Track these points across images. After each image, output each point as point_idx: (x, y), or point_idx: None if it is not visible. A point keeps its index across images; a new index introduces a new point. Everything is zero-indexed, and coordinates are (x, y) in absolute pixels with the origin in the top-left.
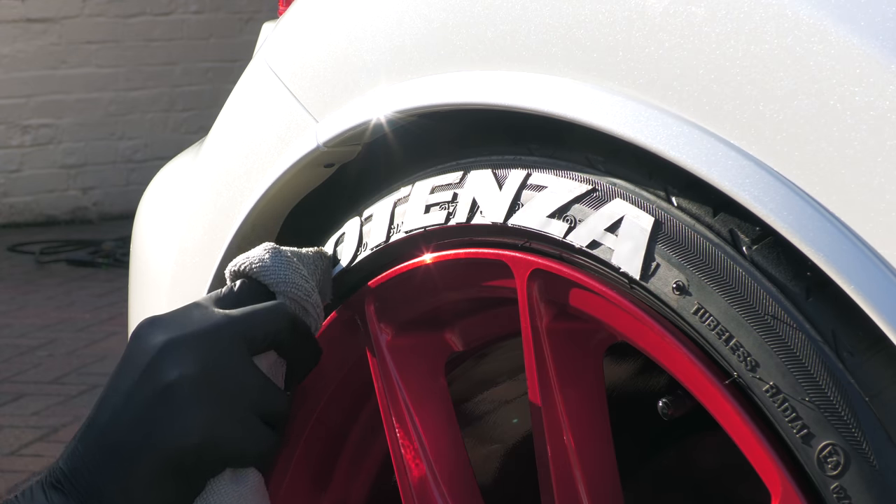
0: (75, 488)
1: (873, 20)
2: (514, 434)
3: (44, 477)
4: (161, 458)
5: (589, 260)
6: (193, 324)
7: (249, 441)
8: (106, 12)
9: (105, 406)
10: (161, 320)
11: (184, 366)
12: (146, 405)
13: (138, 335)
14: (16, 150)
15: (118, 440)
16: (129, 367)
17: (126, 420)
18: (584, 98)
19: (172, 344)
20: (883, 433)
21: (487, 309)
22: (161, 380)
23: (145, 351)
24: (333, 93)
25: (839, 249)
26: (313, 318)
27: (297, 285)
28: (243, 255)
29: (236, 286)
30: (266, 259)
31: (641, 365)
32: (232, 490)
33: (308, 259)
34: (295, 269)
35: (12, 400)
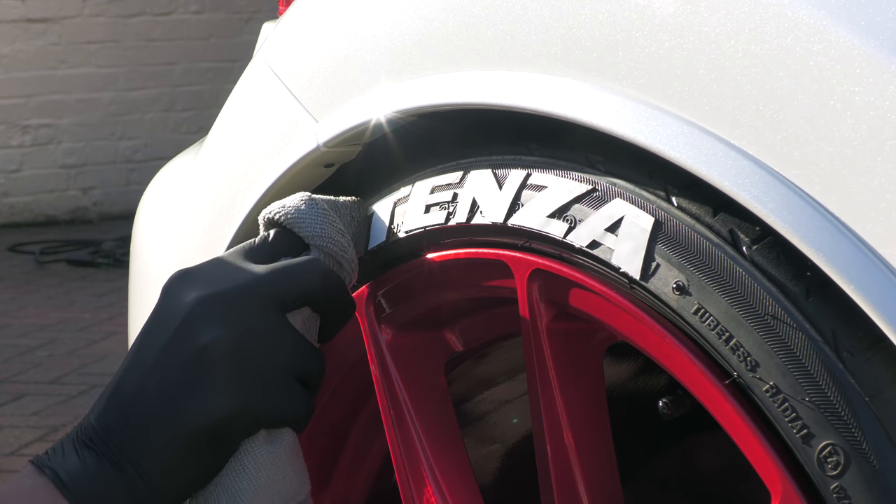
0: (109, 449)
1: (873, 20)
2: (514, 434)
3: (75, 432)
4: (194, 426)
5: (589, 260)
6: (226, 280)
7: (284, 404)
8: (106, 12)
9: (135, 365)
10: (193, 275)
11: (217, 328)
12: (177, 371)
13: (170, 290)
14: (16, 150)
15: (148, 406)
16: (160, 324)
17: (156, 386)
18: (584, 98)
19: (205, 302)
20: (883, 433)
21: (487, 309)
22: (193, 343)
23: (177, 309)
24: (333, 93)
25: (839, 249)
26: (347, 273)
27: (332, 239)
28: (278, 203)
29: (270, 235)
30: (302, 209)
31: (641, 365)
32: (266, 451)
33: (344, 210)
34: (331, 222)
35: (12, 400)
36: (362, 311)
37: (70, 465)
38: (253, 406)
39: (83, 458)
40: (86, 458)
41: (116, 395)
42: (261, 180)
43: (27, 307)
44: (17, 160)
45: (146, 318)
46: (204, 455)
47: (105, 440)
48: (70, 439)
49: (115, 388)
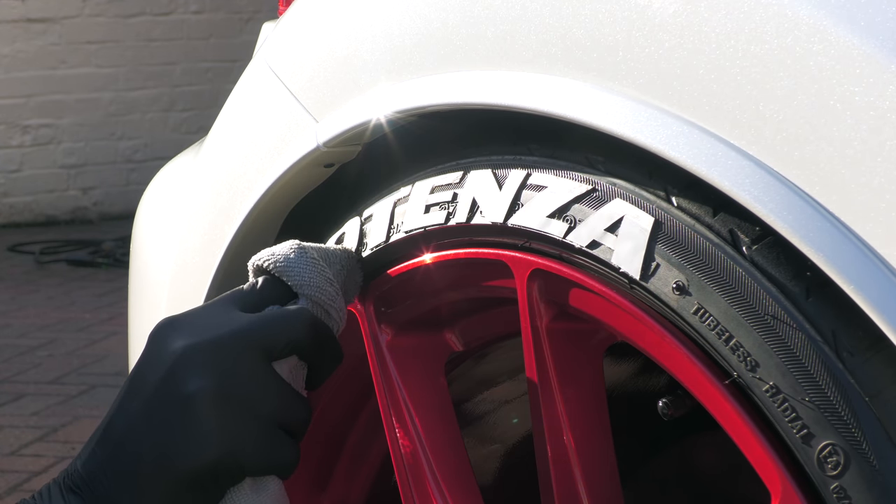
0: (94, 496)
1: (873, 20)
2: (514, 434)
3: (62, 478)
4: (179, 473)
5: (589, 260)
6: (213, 329)
7: (270, 452)
8: (106, 12)
9: (122, 413)
10: (180, 323)
11: (203, 377)
12: (163, 418)
13: (156, 337)
14: (16, 150)
15: (134, 453)
16: (147, 372)
17: (142, 432)
18: (584, 98)
19: (191, 351)
20: (883, 433)
21: (487, 309)
22: (179, 392)
23: (163, 357)
24: (333, 93)
25: (839, 249)
26: (335, 321)
27: (320, 289)
28: (268, 251)
29: (259, 283)
30: (291, 258)
31: (641, 365)
32: (252, 499)
33: (334, 258)
34: (320, 272)
35: (12, 400)
36: (362, 311)
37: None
38: (238, 454)
39: (69, 503)
40: (71, 503)
41: (103, 441)
42: (261, 180)
43: (27, 307)
44: (17, 160)
45: (145, 318)
46: (188, 503)
47: (90, 486)
48: (57, 484)
49: (102, 435)
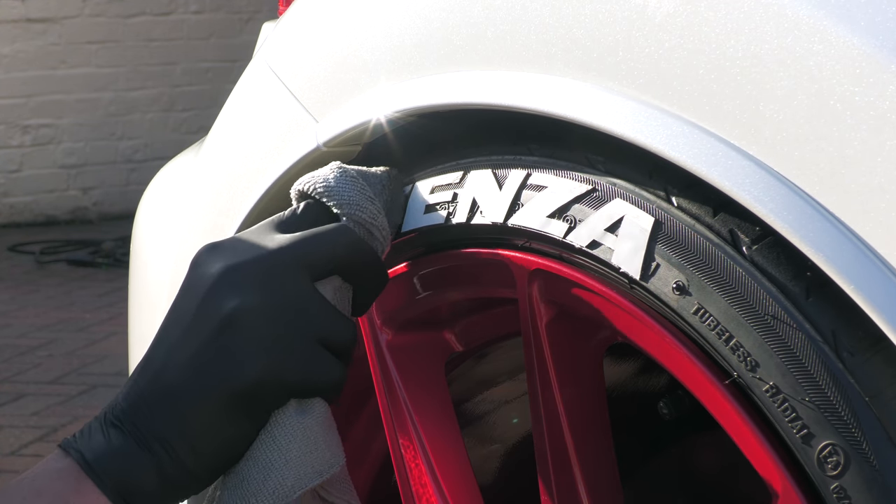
0: (136, 427)
1: (873, 20)
2: (514, 434)
3: (103, 414)
4: (220, 397)
5: (589, 260)
6: (253, 249)
7: (313, 373)
8: (106, 12)
9: (162, 340)
10: (220, 246)
11: (242, 295)
12: (203, 340)
13: (196, 263)
14: (16, 150)
15: (175, 379)
16: (187, 297)
17: (183, 357)
18: (584, 98)
19: (230, 272)
20: (883, 433)
21: (487, 309)
22: (218, 312)
23: (202, 280)
24: (333, 93)
25: (839, 249)
26: (379, 242)
27: (361, 207)
28: (309, 175)
29: (300, 208)
30: (330, 179)
31: (641, 365)
32: (297, 422)
33: (375, 178)
34: (360, 190)
35: (12, 400)
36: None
37: (96, 446)
38: (281, 373)
39: (109, 438)
40: (112, 438)
41: (143, 371)
42: (261, 180)
43: (27, 307)
44: (17, 160)
45: (145, 317)
46: (233, 427)
47: (132, 418)
48: (98, 420)
49: (142, 365)
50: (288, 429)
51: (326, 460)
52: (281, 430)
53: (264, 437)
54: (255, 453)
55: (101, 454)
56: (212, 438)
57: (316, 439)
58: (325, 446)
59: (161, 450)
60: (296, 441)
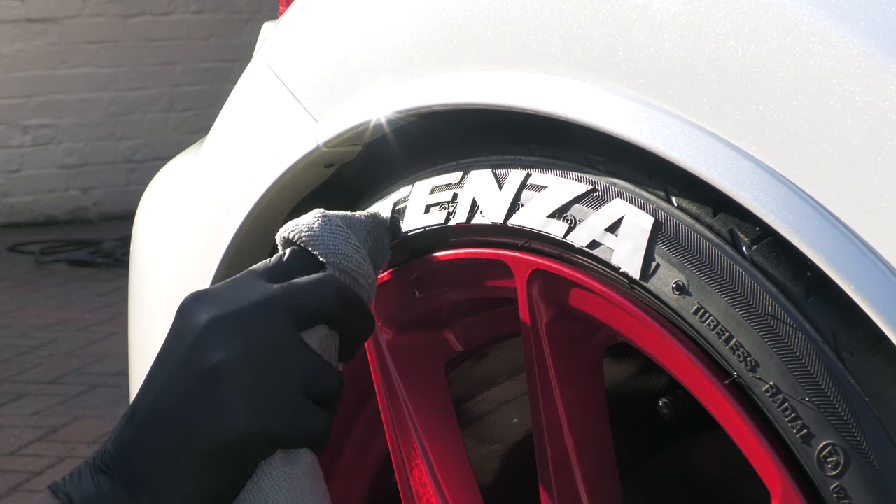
0: (123, 473)
1: (873, 20)
2: (514, 434)
3: (93, 458)
4: (206, 446)
5: (589, 260)
6: (238, 300)
7: (299, 424)
8: (106, 12)
9: (150, 388)
10: (206, 296)
11: (228, 347)
12: (188, 392)
13: (183, 312)
14: (16, 150)
15: (161, 427)
16: (174, 347)
17: (169, 406)
18: (584, 98)
19: (216, 322)
20: (883, 433)
21: (487, 309)
22: (204, 363)
23: (188, 331)
24: (333, 93)
25: (839, 249)
26: (364, 289)
27: (346, 256)
28: (293, 222)
29: (286, 255)
30: (315, 228)
31: (641, 365)
32: (284, 472)
33: (360, 225)
34: (345, 238)
35: (12, 400)
36: None
37: (85, 491)
38: (266, 425)
39: (98, 484)
40: (101, 484)
41: (131, 418)
42: (261, 180)
43: (27, 307)
44: (17, 160)
45: (145, 317)
46: (218, 478)
47: (120, 464)
48: (88, 465)
49: (130, 412)
50: (274, 479)
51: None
52: (267, 481)
53: (250, 488)
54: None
55: (90, 500)
56: (197, 488)
57: (302, 490)
58: (311, 497)
59: (147, 499)
60: (282, 492)
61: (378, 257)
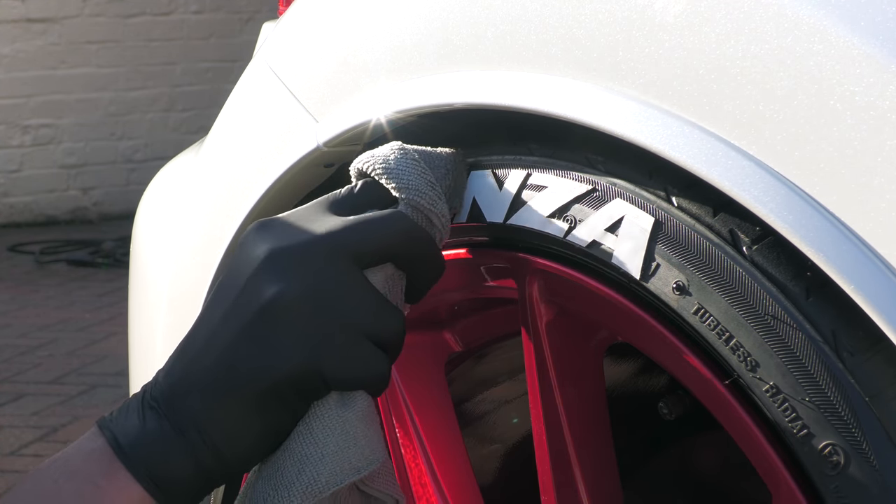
0: (172, 411)
1: (873, 20)
2: (514, 434)
3: (143, 392)
4: (257, 387)
5: (589, 260)
6: (302, 233)
7: (356, 367)
8: (106, 12)
9: (203, 322)
10: (269, 225)
11: (284, 282)
12: (242, 327)
13: (244, 242)
14: (16, 150)
15: (212, 366)
16: (230, 280)
17: (221, 343)
18: (584, 98)
19: (275, 256)
20: (883, 433)
21: (487, 309)
22: (259, 299)
23: (247, 263)
24: (333, 93)
25: (839, 249)
26: (437, 229)
27: (421, 192)
28: (369, 153)
29: (357, 187)
30: (391, 160)
31: (641, 365)
32: (337, 415)
33: (439, 161)
34: (421, 173)
35: (12, 400)
36: None
37: (130, 428)
38: (320, 365)
39: (144, 420)
40: (147, 420)
41: (183, 352)
42: (261, 180)
43: (27, 307)
44: (17, 160)
45: (145, 317)
46: (270, 418)
47: (169, 401)
48: (137, 398)
49: (183, 346)
50: (326, 422)
51: (365, 457)
52: (319, 424)
53: (301, 430)
54: (291, 445)
55: (135, 438)
56: (248, 428)
57: (355, 434)
58: (364, 442)
59: (197, 436)
60: (333, 436)
61: (454, 198)
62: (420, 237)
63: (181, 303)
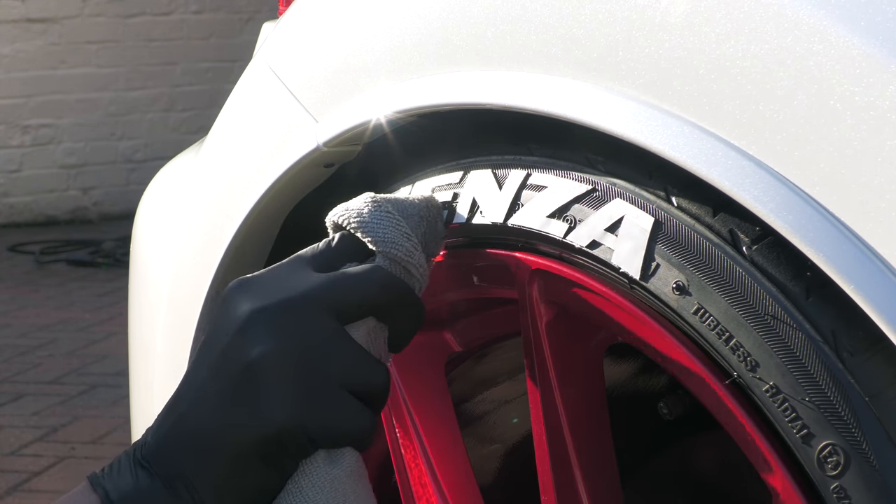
0: (161, 469)
1: (873, 20)
2: (514, 434)
3: (133, 450)
4: (244, 444)
5: (589, 260)
6: (283, 290)
7: (341, 423)
8: (106, 12)
9: (188, 382)
10: (249, 283)
11: (267, 340)
12: (228, 386)
13: (226, 300)
14: (16, 150)
15: (199, 423)
16: (215, 338)
17: (207, 401)
18: (584, 98)
19: (256, 315)
20: (883, 433)
21: (487, 309)
22: (244, 358)
23: (230, 321)
24: (333, 93)
25: (839, 249)
26: (416, 278)
27: (397, 244)
28: (343, 206)
29: (335, 241)
30: (365, 214)
31: (641, 365)
32: (326, 473)
33: (413, 209)
34: (396, 225)
35: (12, 400)
36: None
37: (123, 485)
38: (306, 423)
39: (136, 478)
40: (139, 478)
41: (169, 412)
42: (261, 180)
43: (27, 307)
44: (17, 160)
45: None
46: (258, 477)
47: (158, 458)
48: (128, 456)
49: (169, 406)
50: (315, 480)
51: None
52: (308, 481)
53: (291, 488)
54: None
55: (128, 495)
56: (236, 486)
57: (344, 492)
58: (353, 498)
59: (187, 494)
60: (323, 493)
61: (431, 244)
62: (399, 289)
63: (181, 303)
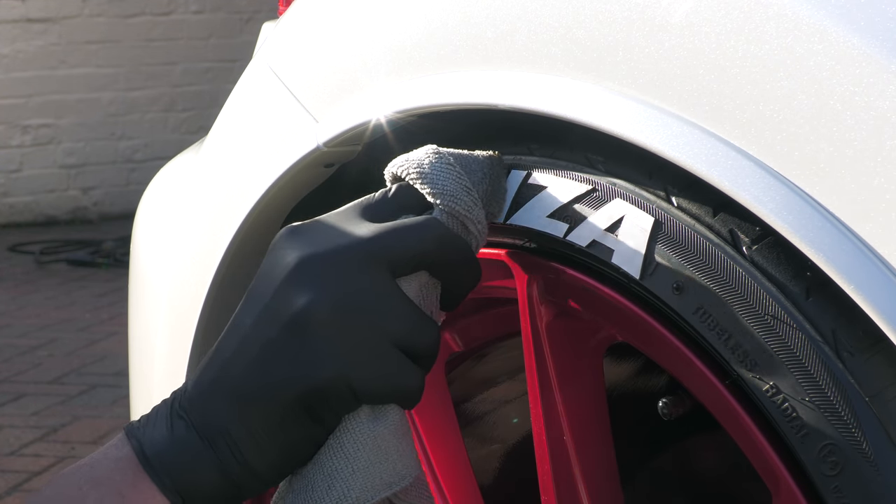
0: (199, 419)
1: (873, 20)
2: (514, 434)
3: (171, 399)
4: (286, 397)
5: (589, 260)
6: (334, 239)
7: (388, 380)
8: (106, 12)
9: (233, 329)
10: (300, 231)
11: (315, 291)
12: (272, 336)
13: (274, 247)
14: (16, 150)
15: (241, 374)
16: (261, 286)
17: (250, 351)
18: (584, 98)
19: (306, 263)
20: (883, 433)
21: (487, 309)
22: (290, 308)
23: (277, 269)
24: (333, 93)
25: (839, 249)
26: (473, 235)
27: (456, 197)
28: (403, 157)
29: (391, 191)
30: (425, 164)
31: (641, 365)
32: (368, 429)
33: (475, 165)
34: (456, 178)
35: (12, 400)
36: None
37: (158, 437)
38: (351, 378)
39: (172, 429)
40: (175, 429)
41: (212, 359)
42: (260, 180)
43: (27, 307)
44: (17, 160)
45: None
46: (300, 430)
47: (197, 409)
48: (167, 405)
49: (212, 354)
50: (357, 436)
51: (398, 472)
52: (349, 438)
53: (332, 444)
54: (322, 459)
55: (162, 448)
56: (277, 439)
57: (387, 449)
58: (396, 457)
59: (225, 446)
60: (365, 450)
61: (493, 203)
62: (455, 244)
63: (181, 303)
